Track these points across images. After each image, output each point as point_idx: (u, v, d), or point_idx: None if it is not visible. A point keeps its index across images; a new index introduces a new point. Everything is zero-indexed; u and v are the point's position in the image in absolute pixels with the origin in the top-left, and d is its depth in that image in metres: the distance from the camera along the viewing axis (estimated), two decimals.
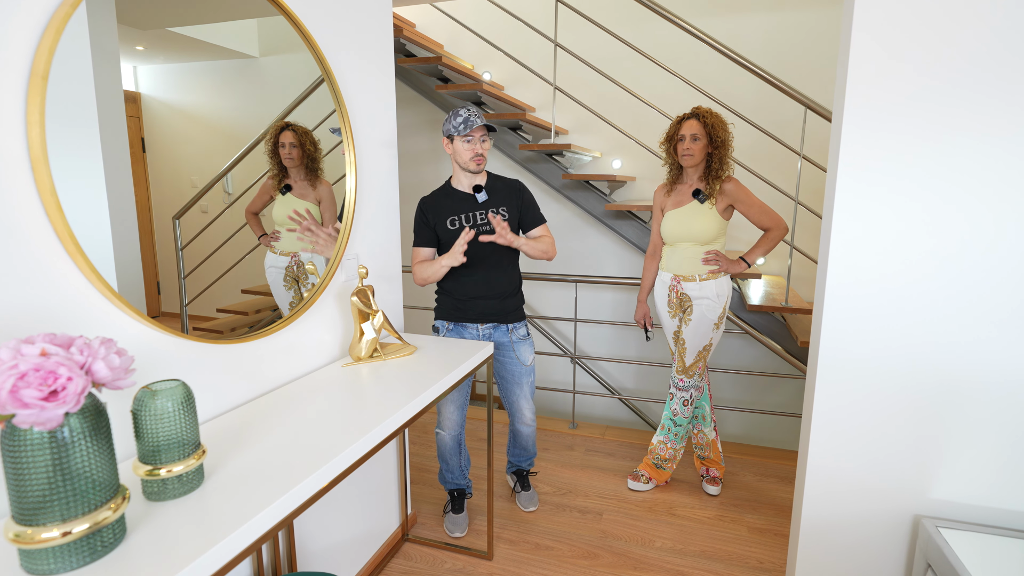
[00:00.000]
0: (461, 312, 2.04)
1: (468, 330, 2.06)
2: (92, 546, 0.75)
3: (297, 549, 1.58)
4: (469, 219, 1.96)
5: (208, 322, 1.32)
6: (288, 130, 1.50)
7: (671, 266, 2.28)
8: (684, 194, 2.24)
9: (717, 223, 2.17)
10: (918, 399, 1.45)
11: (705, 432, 2.46)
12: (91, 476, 0.74)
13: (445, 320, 2.07)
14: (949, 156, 1.33)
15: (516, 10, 3.54)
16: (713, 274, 2.21)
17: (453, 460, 2.19)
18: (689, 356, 2.28)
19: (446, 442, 2.16)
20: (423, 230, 1.98)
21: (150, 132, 1.16)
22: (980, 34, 1.27)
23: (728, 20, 3.41)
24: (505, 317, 2.07)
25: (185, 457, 0.91)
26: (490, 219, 1.84)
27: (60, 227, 0.90)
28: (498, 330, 2.07)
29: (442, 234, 1.97)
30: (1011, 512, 1.44)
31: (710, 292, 2.20)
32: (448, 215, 1.96)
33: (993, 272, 1.35)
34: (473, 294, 2.01)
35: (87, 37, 0.98)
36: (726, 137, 2.14)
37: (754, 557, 2.04)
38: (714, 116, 2.15)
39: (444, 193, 2.00)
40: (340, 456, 1.07)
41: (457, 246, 1.82)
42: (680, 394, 2.35)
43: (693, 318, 2.24)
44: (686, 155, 2.16)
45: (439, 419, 2.14)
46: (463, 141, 1.88)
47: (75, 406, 0.69)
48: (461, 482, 2.25)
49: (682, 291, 2.25)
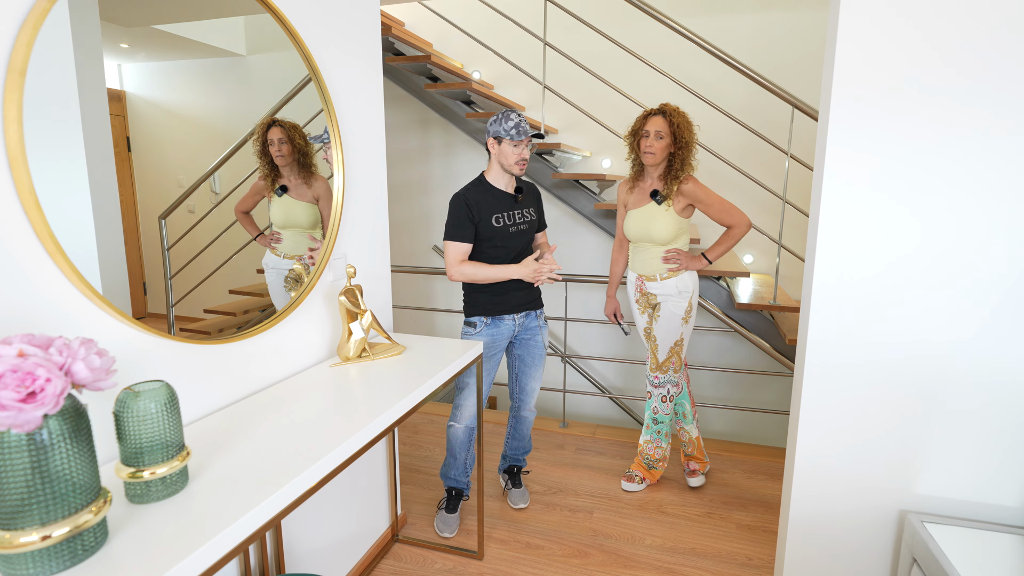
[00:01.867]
0: (499, 305, 2.08)
1: (505, 321, 2.10)
2: (73, 550, 0.73)
3: (285, 550, 1.56)
4: (511, 217, 2.03)
5: (195, 323, 1.30)
6: (276, 126, 1.48)
7: (635, 266, 2.32)
8: (644, 193, 2.24)
9: (676, 224, 2.17)
10: (903, 396, 1.47)
11: (687, 430, 2.47)
12: (71, 479, 0.73)
13: (483, 315, 2.09)
14: (934, 155, 1.35)
15: (505, 9, 3.54)
16: (673, 272, 2.22)
17: (461, 455, 2.18)
18: (661, 352, 2.30)
19: (458, 434, 2.14)
20: (467, 225, 1.96)
21: (135, 131, 1.15)
22: (964, 33, 1.28)
23: (717, 20, 3.43)
24: (535, 304, 2.17)
25: (169, 459, 0.89)
26: (546, 262, 1.96)
27: (40, 227, 0.89)
28: (529, 317, 2.16)
29: (484, 230, 1.98)
30: (994, 506, 1.46)
31: (671, 289, 2.22)
32: (493, 212, 1.99)
33: (977, 270, 1.37)
34: (510, 287, 2.07)
35: (69, 33, 0.96)
36: (691, 139, 2.12)
37: (743, 553, 2.05)
38: (681, 116, 2.12)
39: (484, 190, 2.01)
40: (327, 457, 1.06)
41: (541, 271, 1.94)
42: (657, 391, 2.36)
43: (661, 314, 2.26)
44: (648, 152, 2.13)
45: (454, 412, 2.14)
46: (512, 145, 1.93)
47: (54, 408, 0.68)
48: (462, 481, 2.23)
49: (646, 290, 2.29)
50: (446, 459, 2.22)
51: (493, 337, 2.08)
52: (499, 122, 1.93)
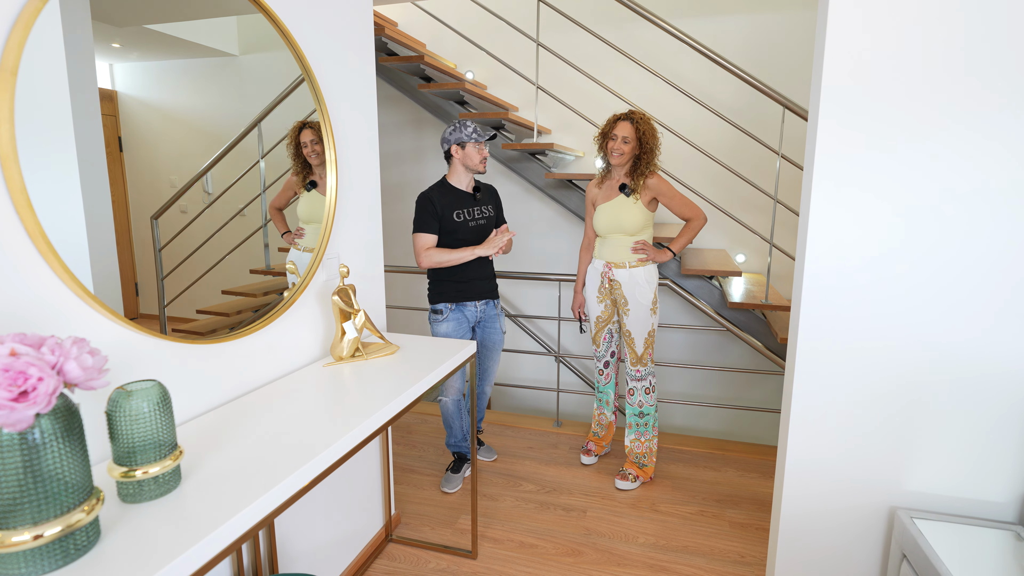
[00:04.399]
0: (463, 293, 2.34)
1: (467, 308, 2.36)
2: (65, 549, 0.73)
3: (279, 550, 1.56)
4: (471, 213, 2.30)
5: (188, 324, 1.30)
6: (307, 128, 1.58)
7: (603, 254, 2.44)
8: (612, 188, 2.40)
9: (643, 215, 2.33)
10: (892, 392, 1.48)
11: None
12: (63, 478, 0.73)
13: (448, 302, 2.33)
14: (921, 154, 1.36)
15: (499, 10, 3.55)
16: (642, 262, 2.36)
17: (456, 424, 2.49)
18: (639, 345, 2.41)
19: (448, 408, 2.45)
20: (431, 219, 2.22)
21: (128, 131, 1.14)
22: (952, 34, 1.30)
23: (708, 21, 3.45)
24: (493, 293, 2.44)
25: (162, 458, 0.89)
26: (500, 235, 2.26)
27: (31, 226, 0.89)
28: (488, 305, 2.43)
29: (447, 224, 2.24)
30: (982, 502, 1.48)
31: (640, 278, 2.36)
32: (454, 208, 2.26)
33: (965, 266, 1.39)
34: (472, 276, 2.34)
35: (60, 33, 0.96)
36: (655, 145, 2.30)
37: (735, 551, 2.06)
38: (647, 123, 2.29)
39: (446, 190, 2.27)
40: (320, 456, 1.07)
41: (495, 243, 2.23)
42: (640, 384, 2.45)
43: (631, 307, 2.38)
44: (615, 154, 2.31)
45: (442, 388, 2.40)
46: (475, 146, 2.21)
47: (46, 407, 0.68)
48: (463, 446, 2.56)
49: (613, 277, 2.40)
50: (446, 431, 2.56)
51: (459, 321, 2.34)
52: (458, 130, 2.20)
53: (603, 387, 2.66)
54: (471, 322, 2.38)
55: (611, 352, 2.59)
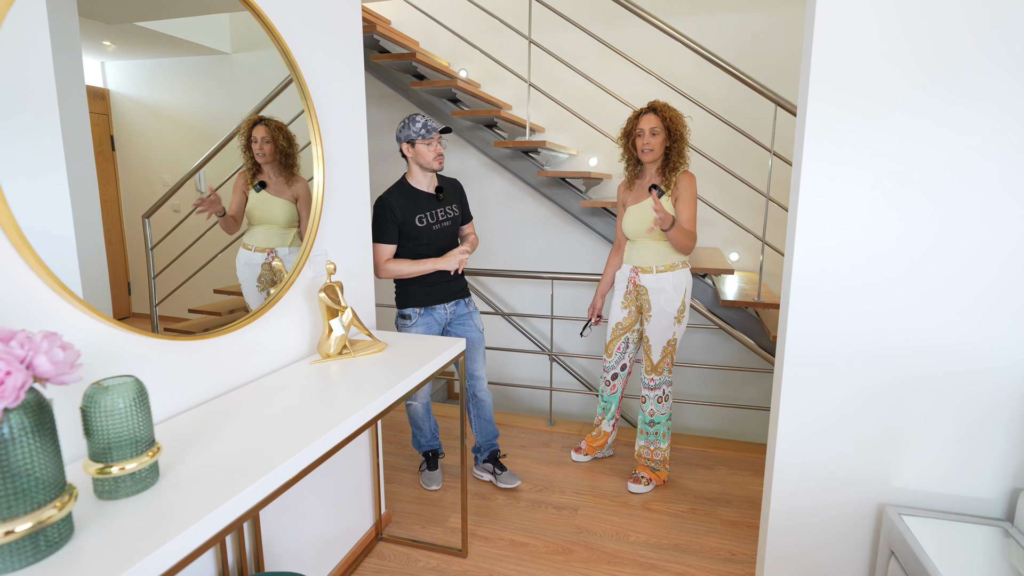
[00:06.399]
0: (431, 296, 2.24)
1: (436, 311, 2.27)
2: (36, 545, 0.73)
3: (265, 549, 1.55)
4: (435, 216, 2.18)
5: (180, 323, 1.29)
6: (261, 124, 1.49)
7: (632, 259, 2.33)
8: (643, 189, 2.28)
9: (674, 215, 2.20)
10: (880, 390, 1.48)
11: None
12: (34, 474, 0.72)
13: (416, 307, 2.24)
14: (910, 151, 1.36)
15: (492, 7, 3.54)
16: (670, 267, 2.24)
17: (425, 425, 2.47)
18: (655, 353, 2.32)
19: (418, 410, 2.43)
20: (390, 227, 2.11)
21: (119, 130, 1.13)
22: (939, 31, 1.30)
23: (701, 19, 3.44)
24: (463, 293, 2.35)
25: (138, 454, 0.89)
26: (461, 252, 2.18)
27: (6, 222, 0.88)
28: (459, 304, 2.33)
29: (408, 231, 2.13)
30: (970, 499, 1.48)
31: (667, 284, 2.24)
32: (415, 213, 2.13)
33: (953, 265, 1.38)
34: (438, 279, 2.24)
35: (47, 29, 0.95)
36: (683, 131, 2.18)
37: (726, 549, 2.06)
38: (671, 110, 2.18)
39: (406, 192, 2.15)
40: (302, 452, 1.06)
41: (456, 257, 2.15)
42: (653, 393, 2.37)
43: (653, 313, 2.27)
44: (646, 150, 2.19)
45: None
46: (425, 144, 2.07)
47: (14, 401, 0.67)
48: (434, 443, 2.53)
49: (639, 282, 2.29)
50: (413, 433, 2.52)
51: (428, 326, 2.26)
52: (407, 127, 2.07)
53: (608, 397, 2.55)
54: (441, 324, 2.29)
55: (622, 365, 2.47)
